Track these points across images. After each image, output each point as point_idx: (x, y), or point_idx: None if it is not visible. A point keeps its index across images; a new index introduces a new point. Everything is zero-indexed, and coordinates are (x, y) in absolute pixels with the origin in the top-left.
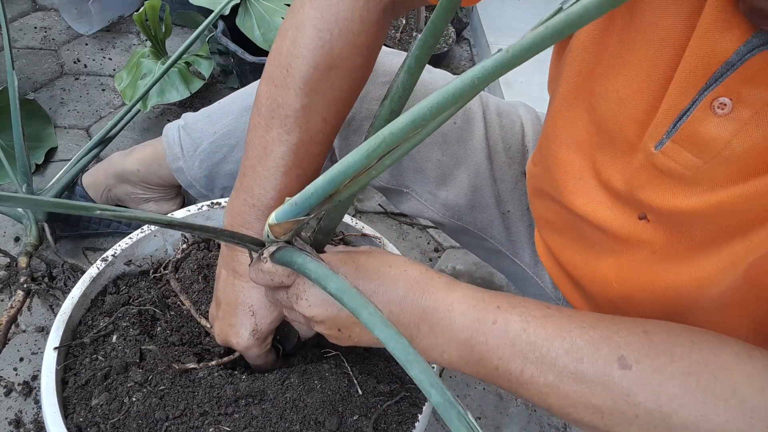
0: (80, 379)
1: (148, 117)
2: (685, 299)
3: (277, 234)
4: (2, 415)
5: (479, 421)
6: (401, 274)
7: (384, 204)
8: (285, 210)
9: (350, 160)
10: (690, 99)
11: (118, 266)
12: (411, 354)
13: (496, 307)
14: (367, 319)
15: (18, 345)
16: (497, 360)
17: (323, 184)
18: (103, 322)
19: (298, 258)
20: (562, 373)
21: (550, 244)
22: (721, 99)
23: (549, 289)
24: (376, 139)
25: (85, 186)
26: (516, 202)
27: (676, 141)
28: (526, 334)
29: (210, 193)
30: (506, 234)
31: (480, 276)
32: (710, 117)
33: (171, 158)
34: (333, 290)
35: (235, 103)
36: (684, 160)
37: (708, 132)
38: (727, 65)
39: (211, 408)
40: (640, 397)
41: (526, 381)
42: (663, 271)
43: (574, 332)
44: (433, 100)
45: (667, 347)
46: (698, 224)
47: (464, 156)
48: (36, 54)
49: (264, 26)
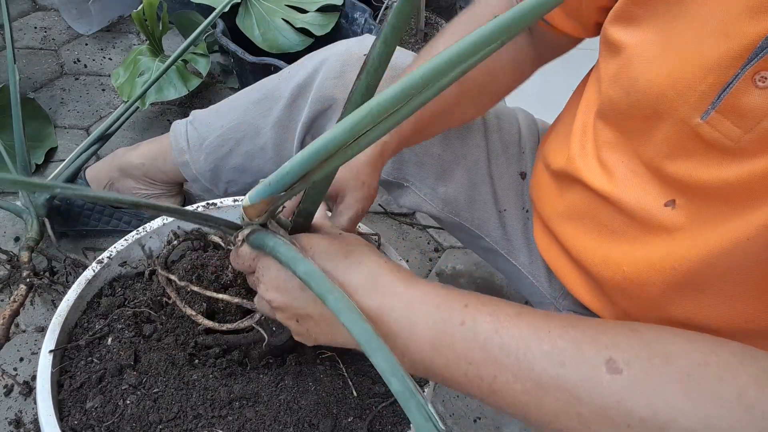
0: (75, 382)
1: (148, 117)
2: (696, 275)
3: (252, 216)
4: (2, 415)
5: (479, 421)
6: (355, 266)
7: (384, 204)
8: (259, 190)
9: (332, 134)
10: (733, 73)
11: (113, 268)
12: (374, 341)
13: (463, 306)
14: (333, 304)
15: (18, 345)
16: (466, 365)
17: (300, 161)
18: (98, 325)
19: (270, 241)
20: (542, 379)
21: (558, 234)
22: (762, 73)
23: (545, 288)
24: (361, 110)
25: (88, 179)
26: (512, 202)
27: (720, 111)
28: (499, 335)
29: (214, 187)
30: (502, 232)
31: (480, 276)
32: (752, 89)
33: (177, 152)
34: (301, 274)
35: (244, 98)
36: (726, 130)
37: (749, 103)
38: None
39: (204, 410)
40: (632, 404)
41: (500, 388)
42: (675, 251)
43: (553, 332)
44: (425, 69)
45: (661, 347)
46: (722, 199)
47: (464, 152)
48: (36, 54)
49: (263, 26)
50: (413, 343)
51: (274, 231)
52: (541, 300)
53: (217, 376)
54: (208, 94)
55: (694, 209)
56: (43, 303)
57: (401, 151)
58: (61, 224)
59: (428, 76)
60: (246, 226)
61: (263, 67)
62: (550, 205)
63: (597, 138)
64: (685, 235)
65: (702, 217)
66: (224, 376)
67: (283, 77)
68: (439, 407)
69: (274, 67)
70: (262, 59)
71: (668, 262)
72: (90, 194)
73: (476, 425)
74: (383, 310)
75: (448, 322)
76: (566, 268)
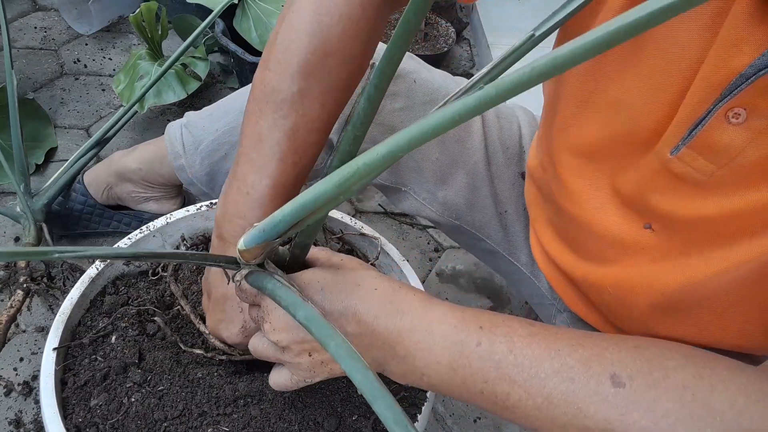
0: (79, 380)
1: (148, 117)
2: (679, 299)
3: (247, 259)
4: (2, 415)
5: (479, 421)
6: (371, 293)
7: (384, 204)
8: (253, 235)
9: (321, 189)
10: (705, 108)
11: (117, 266)
12: (377, 389)
13: (478, 328)
14: (334, 350)
15: (18, 345)
16: (482, 383)
17: (291, 211)
18: (102, 323)
19: (269, 284)
20: (552, 395)
21: (546, 247)
22: (736, 109)
23: (545, 289)
24: (348, 168)
25: (86, 184)
26: (513, 202)
27: (692, 147)
28: (513, 355)
29: (211, 191)
30: (503, 234)
31: (480, 276)
32: (725, 125)
33: (173, 156)
34: (302, 319)
35: (237, 101)
36: (699, 166)
37: (723, 140)
38: (742, 77)
39: (209, 408)
40: (635, 416)
41: (513, 404)
42: (657, 275)
43: (563, 351)
44: (411, 132)
45: (660, 362)
46: (702, 230)
47: (462, 155)
48: (36, 54)
49: (261, 28)
50: (432, 364)
51: (272, 272)
52: (542, 301)
53: (222, 374)
54: (208, 94)
55: (673, 235)
56: (43, 303)
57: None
58: (60, 228)
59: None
60: (243, 266)
61: None
62: (535, 216)
63: (569, 162)
64: (666, 260)
65: (682, 244)
66: (229, 374)
67: None
68: (439, 407)
69: None
70: None
71: (651, 286)
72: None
73: (476, 425)
74: (403, 333)
75: (465, 343)
76: (559, 281)
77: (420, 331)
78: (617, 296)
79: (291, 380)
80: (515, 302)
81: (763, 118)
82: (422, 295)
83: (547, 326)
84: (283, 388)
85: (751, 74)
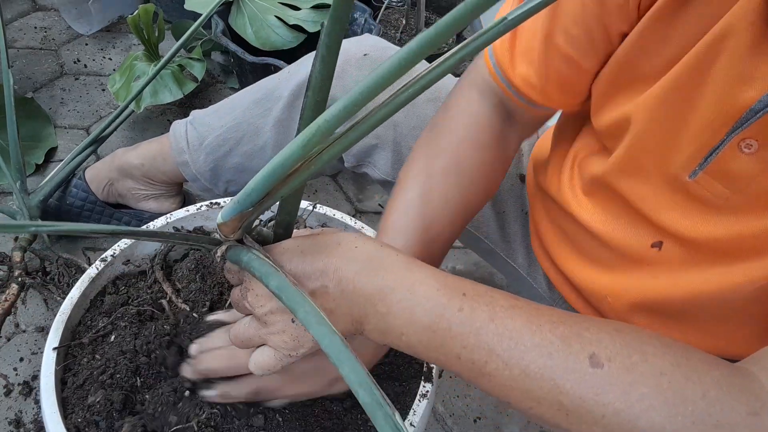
0: (78, 380)
1: (147, 117)
2: (679, 312)
3: (227, 233)
4: (2, 415)
5: (479, 421)
6: (351, 251)
7: (384, 204)
8: (229, 208)
9: (287, 152)
10: (720, 138)
11: (117, 266)
12: (342, 353)
13: (461, 294)
14: (302, 316)
15: (18, 345)
16: (460, 348)
17: (262, 178)
18: (101, 323)
19: (244, 256)
20: (530, 368)
21: (549, 250)
22: (748, 140)
23: (543, 290)
24: (310, 128)
25: (87, 179)
26: (511, 203)
27: (708, 173)
28: (494, 324)
29: (214, 187)
30: (501, 234)
31: (480, 276)
32: (738, 155)
33: (176, 152)
34: (273, 288)
35: (244, 98)
36: (715, 190)
37: (737, 168)
38: (752, 111)
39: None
40: (610, 397)
41: (490, 372)
42: (658, 288)
43: (544, 327)
44: (364, 84)
45: (639, 347)
46: (708, 250)
47: None
48: (36, 54)
49: (256, 24)
50: (412, 324)
51: (249, 246)
52: (540, 302)
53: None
54: (208, 94)
55: (682, 254)
56: (43, 303)
57: (401, 152)
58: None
59: (367, 91)
60: (224, 242)
61: (263, 67)
62: (539, 218)
63: (585, 172)
64: (668, 274)
65: (689, 261)
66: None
67: (283, 77)
68: (439, 407)
69: (273, 67)
70: (262, 59)
71: (651, 298)
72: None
73: (476, 425)
74: (385, 291)
75: (447, 306)
76: (560, 279)
77: (402, 290)
78: (616, 307)
79: (275, 357)
80: None
81: None
82: (405, 256)
83: (530, 302)
84: (266, 368)
85: (759, 109)
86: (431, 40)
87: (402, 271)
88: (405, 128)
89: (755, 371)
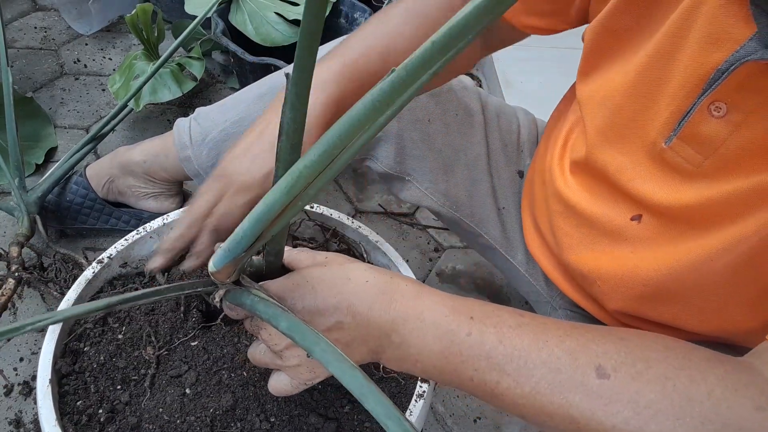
0: (75, 379)
1: (148, 116)
2: (664, 289)
3: (221, 279)
4: (2, 415)
5: (479, 421)
6: (362, 285)
7: (384, 204)
8: (220, 256)
9: (270, 199)
10: (691, 101)
11: (113, 268)
12: (365, 387)
13: (469, 318)
14: (319, 355)
15: (18, 345)
16: (472, 371)
17: (250, 225)
18: (98, 325)
19: (247, 300)
20: (539, 384)
21: (542, 229)
22: (717, 103)
23: (542, 287)
24: (292, 174)
25: (88, 176)
26: (511, 200)
27: (681, 138)
28: (503, 345)
29: None
30: (501, 230)
31: (480, 276)
32: (708, 118)
33: (179, 147)
34: (284, 329)
35: (249, 94)
36: (687, 155)
37: (707, 131)
38: (719, 72)
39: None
40: (618, 406)
41: (502, 392)
42: (641, 265)
43: (551, 342)
44: (338, 127)
45: (643, 354)
46: (684, 220)
47: (464, 147)
48: (36, 54)
49: (256, 21)
50: (425, 352)
51: (248, 286)
52: (538, 299)
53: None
54: (209, 94)
55: (660, 226)
56: (43, 303)
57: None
58: (56, 222)
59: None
60: (221, 286)
61: (263, 66)
62: (540, 191)
63: (572, 151)
64: (649, 250)
65: (666, 234)
66: (216, 383)
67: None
68: (439, 407)
69: (274, 66)
70: (262, 59)
71: (636, 277)
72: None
73: (476, 425)
74: (397, 322)
75: (456, 332)
76: (556, 271)
77: (413, 319)
78: (605, 289)
79: (291, 384)
80: (515, 302)
81: (740, 112)
82: (414, 283)
83: (536, 316)
84: (283, 393)
85: (725, 69)
86: (403, 81)
87: (412, 301)
88: (407, 121)
89: (758, 365)
